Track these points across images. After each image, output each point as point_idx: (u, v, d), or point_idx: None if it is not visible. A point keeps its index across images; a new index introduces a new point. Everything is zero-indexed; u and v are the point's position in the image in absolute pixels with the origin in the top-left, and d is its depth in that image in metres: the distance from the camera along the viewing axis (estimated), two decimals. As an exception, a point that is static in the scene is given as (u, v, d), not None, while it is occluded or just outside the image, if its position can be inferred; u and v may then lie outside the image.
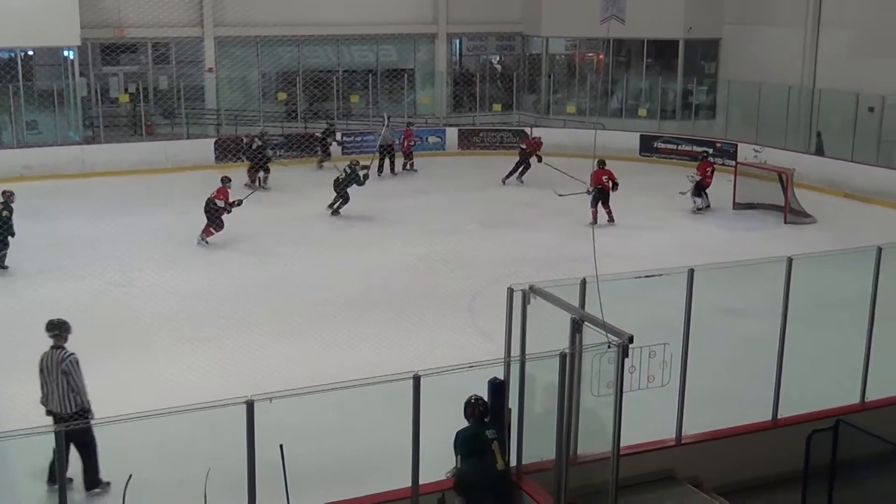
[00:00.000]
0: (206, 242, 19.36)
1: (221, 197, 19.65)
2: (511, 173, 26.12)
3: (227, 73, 31.09)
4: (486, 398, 8.51)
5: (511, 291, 8.29)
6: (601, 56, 34.53)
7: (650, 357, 8.55)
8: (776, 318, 9.98)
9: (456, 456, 8.26)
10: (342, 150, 28.96)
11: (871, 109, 26.33)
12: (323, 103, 31.88)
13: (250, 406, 6.63)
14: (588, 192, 21.38)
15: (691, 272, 9.20)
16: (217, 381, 11.27)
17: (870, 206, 24.26)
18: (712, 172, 23.43)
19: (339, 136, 28.79)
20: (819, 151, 27.65)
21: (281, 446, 7.38)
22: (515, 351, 8.45)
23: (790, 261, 9.78)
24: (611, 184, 21.42)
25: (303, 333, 14.31)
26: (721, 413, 10.36)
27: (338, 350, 13.57)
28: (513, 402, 8.46)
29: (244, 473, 6.89)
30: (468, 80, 34.75)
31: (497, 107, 34.05)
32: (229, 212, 19.60)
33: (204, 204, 19.59)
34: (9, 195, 17.60)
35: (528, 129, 31.23)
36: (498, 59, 36.45)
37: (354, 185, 21.99)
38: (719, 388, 11.58)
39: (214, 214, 19.49)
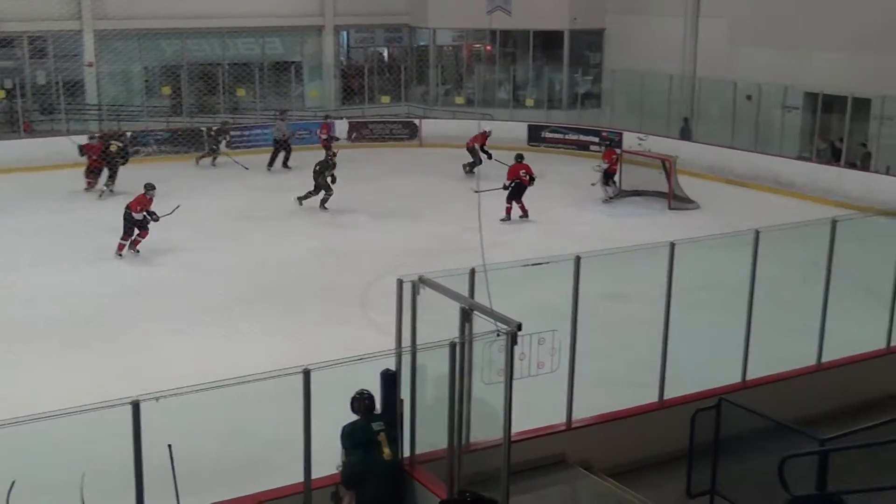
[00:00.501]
0: (136, 251, 18.16)
1: (138, 207, 18.07)
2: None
3: (108, 68, 30.26)
4: (378, 390, 8.54)
5: (400, 283, 8.29)
6: (489, 47, 34.78)
7: (539, 344, 8.68)
8: (661, 301, 10.24)
9: (343, 450, 8.26)
10: (229, 144, 28.65)
11: (749, 97, 27.14)
12: (209, 97, 31.40)
13: (136, 406, 6.50)
14: (505, 188, 21.31)
15: (577, 259, 9.34)
16: (105, 381, 11.04)
17: (749, 191, 25.02)
18: (617, 159, 23.91)
19: (226, 136, 28.29)
20: (685, 136, 28.34)
21: (169, 446, 7.26)
22: (407, 342, 8.48)
23: (672, 246, 10.03)
24: (528, 178, 21.43)
25: (192, 331, 14.11)
26: (610, 396, 10.56)
27: (228, 347, 13.42)
28: (405, 393, 8.48)
29: (132, 475, 6.76)
30: (356, 72, 34.61)
31: (385, 99, 33.97)
32: (145, 223, 18.06)
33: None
34: None
35: (416, 121, 31.34)
36: (386, 51, 36.41)
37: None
38: (608, 372, 11.81)
39: (129, 224, 18.09)
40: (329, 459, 8.27)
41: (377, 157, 28.72)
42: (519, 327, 7.46)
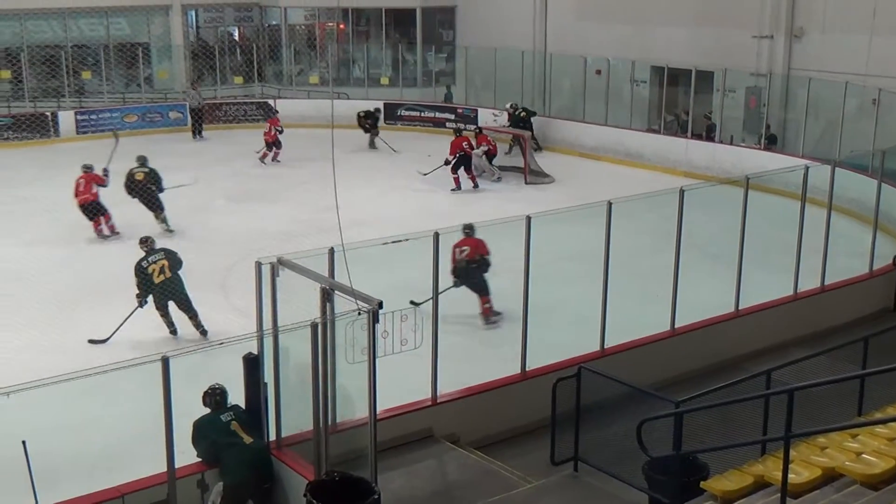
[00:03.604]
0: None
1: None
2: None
3: (-59, 52, 28.94)
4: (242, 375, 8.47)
5: (259, 265, 8.20)
6: (342, 25, 34.54)
7: (402, 321, 8.72)
8: (520, 274, 10.40)
9: (198, 447, 8.21)
10: (76, 128, 27.79)
11: (598, 72, 27.72)
12: (52, 81, 30.21)
13: (-15, 403, 6.24)
14: (447, 163, 22.17)
15: (436, 235, 9.42)
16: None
17: (601, 164, 25.60)
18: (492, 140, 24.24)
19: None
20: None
21: (24, 442, 7.01)
22: (268, 325, 8.39)
23: (529, 219, 10.20)
24: (471, 148, 22.31)
25: (47, 323, 13.57)
26: (474, 370, 10.70)
27: (85, 337, 13.01)
28: (268, 376, 8.41)
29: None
30: (207, 52, 33.84)
31: (238, 79, 33.37)
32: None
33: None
34: None
35: (271, 102, 30.86)
36: (237, 30, 35.73)
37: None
38: (471, 346, 11.95)
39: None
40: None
41: (232, 139, 28.21)
42: (380, 305, 7.48)
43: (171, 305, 13.33)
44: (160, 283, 13.15)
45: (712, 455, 7.84)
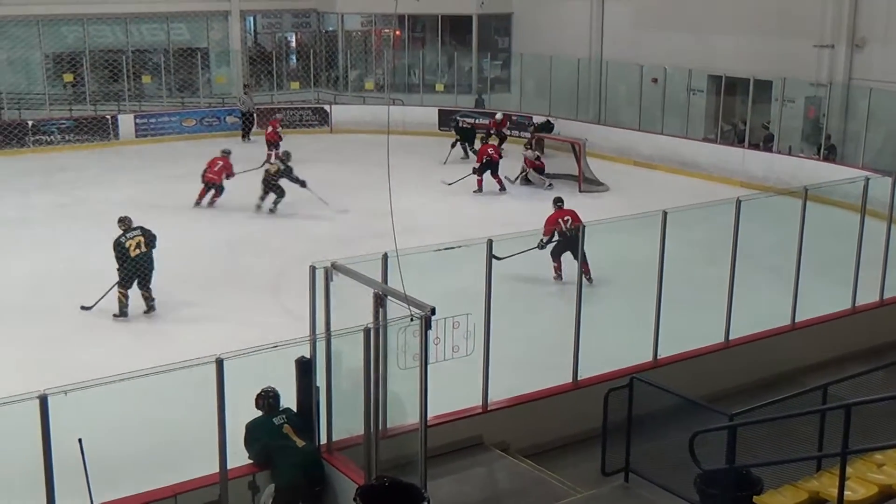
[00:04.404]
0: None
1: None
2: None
3: (6, 55, 29.48)
4: (294, 378, 8.51)
5: (313, 269, 8.25)
6: (398, 32, 34.68)
7: (454, 328, 8.71)
8: (574, 283, 10.34)
9: (250, 449, 8.28)
10: (136, 132, 28.23)
11: (655, 81, 27.55)
12: (113, 85, 30.75)
13: (43, 400, 6.34)
14: (475, 171, 22.86)
15: (490, 242, 9.40)
16: (7, 376, 10.73)
17: (656, 173, 25.44)
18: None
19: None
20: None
21: (80, 440, 7.12)
22: (321, 329, 8.43)
23: (583, 227, 10.16)
24: (497, 155, 23.15)
25: (99, 323, 13.80)
26: (525, 378, 10.67)
27: (139, 338, 13.18)
28: (320, 380, 8.45)
29: (41, 472, 6.59)
30: (265, 58, 34.18)
31: (295, 85, 33.68)
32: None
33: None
34: None
35: (327, 108, 31.02)
36: (294, 36, 36.06)
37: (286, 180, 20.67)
38: (523, 355, 11.91)
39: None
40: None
41: (288, 144, 28.38)
42: (433, 311, 7.48)
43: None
44: (135, 257, 13.97)
45: (766, 469, 7.73)
